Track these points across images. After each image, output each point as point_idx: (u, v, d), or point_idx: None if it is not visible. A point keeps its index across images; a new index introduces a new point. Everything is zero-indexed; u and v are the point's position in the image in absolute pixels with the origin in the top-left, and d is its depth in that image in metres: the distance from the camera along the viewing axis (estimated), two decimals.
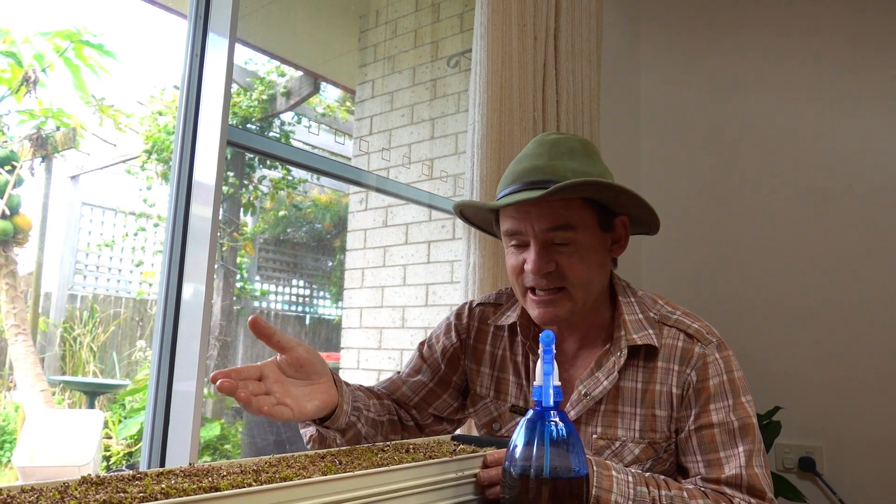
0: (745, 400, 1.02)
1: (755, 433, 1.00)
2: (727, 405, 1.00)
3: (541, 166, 1.01)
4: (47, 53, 3.09)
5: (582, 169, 1.01)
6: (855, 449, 2.13)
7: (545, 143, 1.05)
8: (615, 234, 1.08)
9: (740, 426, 0.99)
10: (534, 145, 1.07)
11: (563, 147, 1.04)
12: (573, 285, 1.01)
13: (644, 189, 2.66)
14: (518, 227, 1.02)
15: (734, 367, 1.04)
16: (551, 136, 1.07)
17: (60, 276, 3.64)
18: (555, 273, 1.01)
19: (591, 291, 1.04)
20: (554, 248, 1.01)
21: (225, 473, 0.64)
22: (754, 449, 0.98)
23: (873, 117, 2.24)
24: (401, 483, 0.71)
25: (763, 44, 2.47)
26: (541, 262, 1.00)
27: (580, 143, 1.06)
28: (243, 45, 3.45)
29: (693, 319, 1.07)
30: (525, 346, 1.13)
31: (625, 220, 1.08)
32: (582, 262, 1.01)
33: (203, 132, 1.44)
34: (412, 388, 1.20)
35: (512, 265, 1.06)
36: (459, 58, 2.63)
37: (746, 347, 2.31)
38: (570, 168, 1.00)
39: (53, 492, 0.53)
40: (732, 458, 0.97)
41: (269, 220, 4.59)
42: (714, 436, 0.99)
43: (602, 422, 1.04)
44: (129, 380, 3.55)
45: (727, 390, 1.01)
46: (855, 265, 2.20)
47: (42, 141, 3.18)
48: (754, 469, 0.97)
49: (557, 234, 1.00)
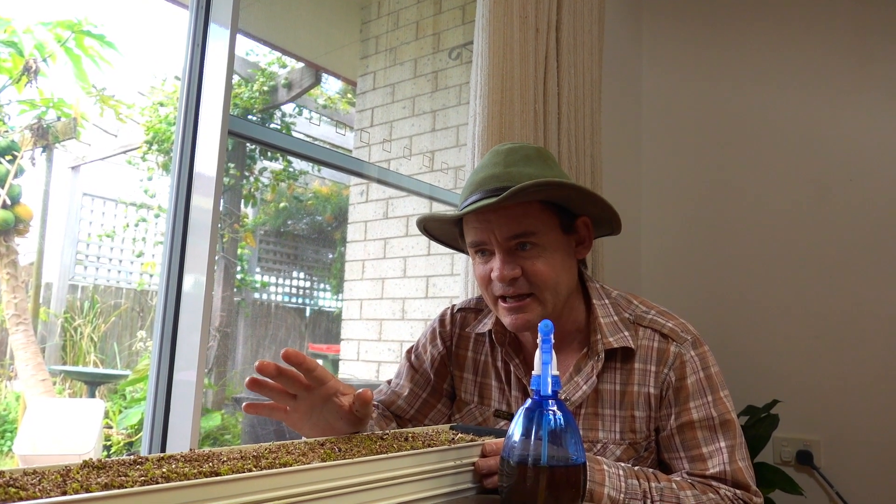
0: (723, 395, 1.03)
1: (735, 427, 1.02)
2: (707, 402, 1.02)
3: (497, 174, 1.03)
4: (48, 43, 3.09)
5: (537, 173, 1.02)
6: (852, 442, 2.13)
7: (500, 153, 1.07)
8: (578, 235, 1.08)
9: (721, 422, 1.01)
10: (489, 156, 1.09)
11: (517, 154, 1.05)
12: (541, 289, 1.02)
13: (645, 181, 2.67)
14: (481, 237, 1.03)
15: (710, 363, 1.05)
16: (506, 146, 1.09)
17: (61, 267, 3.65)
18: (521, 279, 1.01)
19: (560, 294, 1.04)
20: (517, 254, 1.02)
21: (225, 459, 0.64)
22: (736, 443, 1.00)
23: (874, 110, 2.23)
24: (400, 470, 0.72)
25: (765, 36, 2.46)
26: (506, 268, 1.00)
27: (535, 150, 1.08)
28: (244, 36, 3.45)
29: (667, 318, 1.08)
30: (502, 352, 1.14)
31: (586, 220, 1.08)
32: (546, 265, 1.01)
33: (204, 122, 1.44)
34: (407, 401, 1.21)
35: (479, 275, 1.07)
36: (461, 50, 2.62)
37: (745, 341, 2.32)
38: (525, 173, 1.01)
39: (55, 475, 0.54)
40: (716, 454, 0.99)
41: (270, 211, 4.59)
42: (696, 433, 1.01)
43: (583, 425, 1.05)
44: (129, 370, 3.57)
45: (705, 387, 1.03)
46: (855, 259, 2.20)
47: (43, 131, 3.18)
48: (738, 464, 0.99)
49: (519, 239, 1.01)
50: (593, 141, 2.04)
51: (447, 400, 1.23)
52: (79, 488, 0.50)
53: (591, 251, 1.18)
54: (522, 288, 1.02)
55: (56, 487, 0.49)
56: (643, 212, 2.65)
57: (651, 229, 2.63)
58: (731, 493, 0.97)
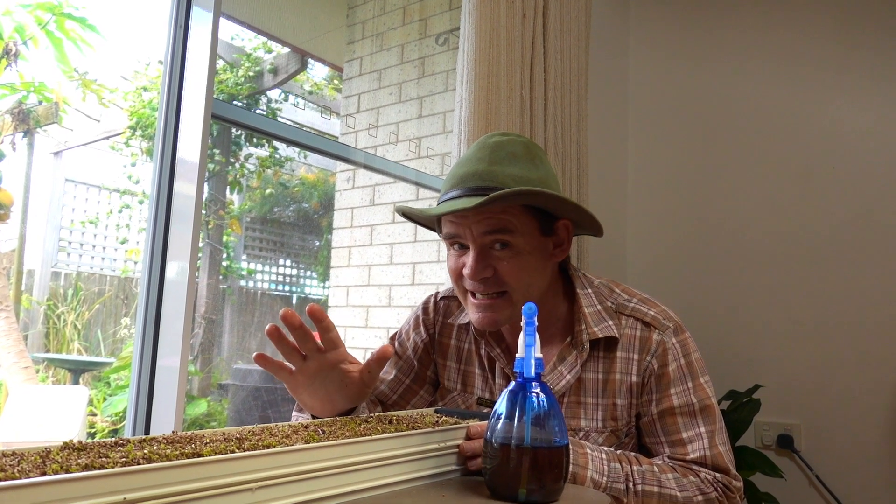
0: (703, 381, 1.04)
1: (715, 412, 1.03)
2: (687, 388, 1.03)
3: (480, 172, 1.00)
4: (29, 26, 3.03)
5: (522, 174, 0.99)
6: (832, 427, 2.17)
7: (486, 147, 1.04)
8: (557, 237, 1.07)
9: (701, 407, 1.02)
10: (475, 149, 1.06)
11: (504, 151, 1.02)
12: (512, 290, 1.01)
13: (631, 167, 2.67)
14: (457, 231, 1.02)
15: (691, 350, 1.06)
16: (493, 139, 1.05)
17: (43, 253, 3.60)
18: (492, 279, 1.00)
19: (531, 295, 1.03)
20: (492, 252, 1.00)
21: (208, 441, 0.64)
22: (715, 428, 1.02)
23: (857, 98, 2.25)
24: (383, 453, 0.72)
25: (752, 23, 2.47)
26: (478, 266, 0.99)
27: (523, 146, 1.04)
28: (229, 20, 3.40)
29: (649, 306, 1.09)
30: (484, 343, 1.14)
31: (567, 223, 1.07)
32: (519, 268, 1.00)
33: (187, 107, 1.42)
34: (390, 386, 1.21)
35: (451, 268, 1.05)
36: (448, 35, 2.61)
37: (728, 327, 2.34)
38: (509, 174, 0.99)
39: (35, 456, 0.54)
40: (696, 439, 1.01)
41: (256, 198, 4.56)
42: (676, 418, 1.02)
43: (566, 413, 1.06)
44: (114, 357, 3.54)
45: (686, 374, 1.04)
46: (837, 246, 2.22)
47: (24, 115, 3.13)
48: (718, 448, 1.00)
49: (496, 237, 0.99)
50: (580, 127, 2.04)
51: (430, 387, 1.23)
52: (59, 469, 0.49)
53: (576, 238, 1.18)
54: (493, 287, 1.01)
55: (35, 468, 0.49)
56: (629, 198, 2.65)
57: (636, 216, 2.64)
58: (712, 475, 0.98)
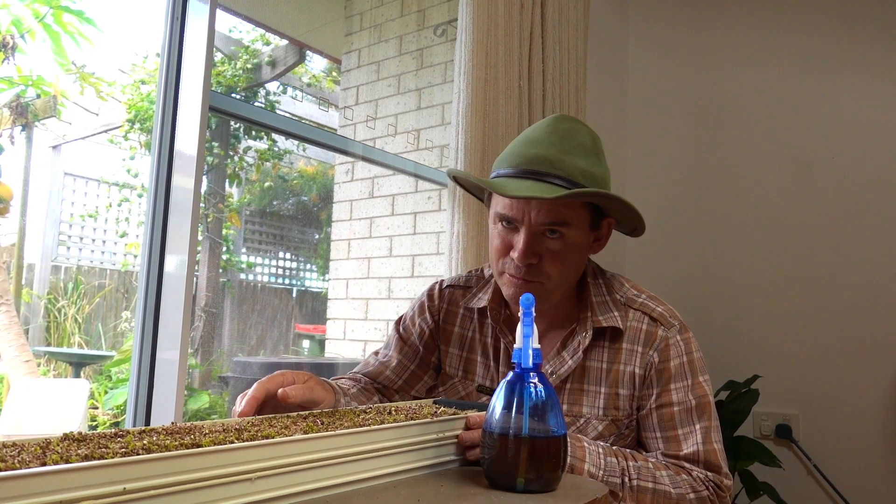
0: (702, 379, 1.06)
1: (711, 410, 1.05)
2: (686, 385, 1.05)
3: (551, 158, 1.01)
4: (26, 19, 3.02)
5: (589, 169, 1.02)
6: (830, 417, 2.18)
7: (558, 132, 1.04)
8: (600, 232, 1.11)
9: (697, 405, 1.04)
10: (546, 131, 1.05)
11: (575, 140, 1.03)
12: (550, 279, 1.04)
13: (629, 160, 2.67)
14: (514, 214, 1.02)
15: (694, 349, 1.08)
16: (565, 125, 1.06)
17: (43, 247, 3.60)
18: (536, 266, 1.02)
19: (564, 286, 1.07)
20: (543, 240, 1.02)
21: (207, 432, 0.64)
22: (711, 426, 1.03)
23: (856, 90, 2.24)
24: (382, 443, 0.72)
25: (751, 15, 2.46)
26: (527, 251, 1.01)
27: (590, 137, 1.06)
28: (226, 12, 3.39)
29: (657, 303, 1.11)
30: (495, 329, 1.15)
31: (611, 221, 1.11)
32: (564, 260, 1.03)
33: (185, 100, 1.42)
34: (395, 371, 1.22)
35: (496, 246, 1.06)
36: (446, 27, 2.60)
37: (727, 317, 2.34)
38: (578, 167, 1.01)
39: (35, 447, 0.54)
40: (690, 436, 1.02)
41: (255, 191, 4.56)
42: (673, 414, 1.03)
43: (568, 399, 1.08)
44: (114, 351, 3.55)
45: (687, 371, 1.05)
46: (835, 237, 2.22)
47: (22, 109, 3.12)
48: (712, 445, 1.02)
49: (551, 227, 1.01)
50: (578, 118, 2.03)
51: (434, 373, 1.24)
52: (59, 459, 0.50)
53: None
54: (534, 275, 1.03)
55: (35, 459, 0.49)
56: (627, 190, 2.65)
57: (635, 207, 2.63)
58: (703, 475, 1.00)
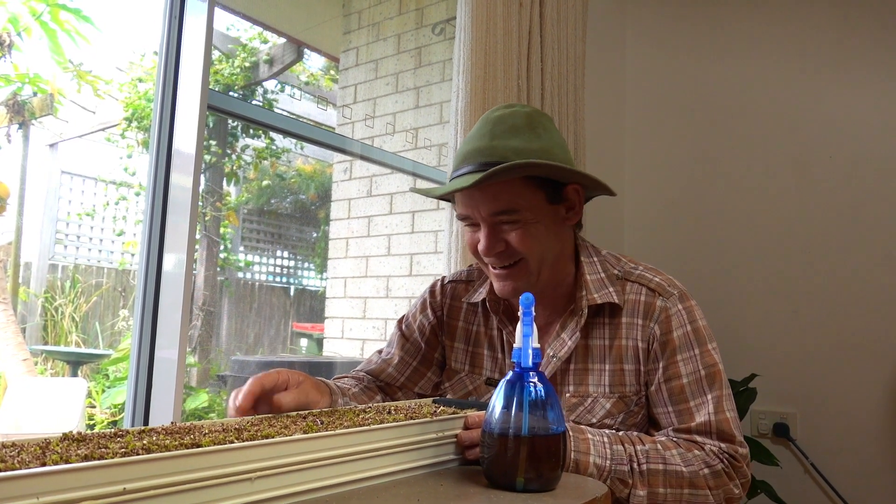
0: (710, 347, 1.04)
1: (722, 379, 1.03)
2: (694, 355, 1.03)
3: (482, 147, 1.02)
4: (23, 17, 3.01)
5: (523, 146, 1.00)
6: (827, 416, 2.18)
7: (489, 122, 1.05)
8: (568, 202, 1.07)
9: (707, 374, 1.02)
10: (479, 124, 1.07)
11: (505, 125, 1.03)
12: (527, 257, 1.03)
13: (628, 157, 2.67)
14: (466, 212, 1.04)
15: (697, 317, 1.06)
16: (496, 113, 1.06)
17: (40, 246, 3.60)
18: (505, 252, 1.03)
19: (548, 261, 1.05)
20: (502, 228, 1.02)
21: (207, 431, 0.64)
22: (722, 395, 1.01)
23: (854, 88, 2.25)
24: (382, 442, 0.72)
25: (749, 14, 2.46)
26: (490, 242, 1.02)
27: (525, 116, 1.05)
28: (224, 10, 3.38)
29: (655, 273, 1.09)
30: (497, 320, 1.15)
31: (577, 187, 1.07)
32: (530, 236, 1.02)
33: (182, 98, 1.42)
34: (397, 368, 1.22)
35: (468, 243, 1.08)
36: (444, 25, 2.60)
37: (724, 316, 2.34)
38: (510, 147, 1.00)
39: (35, 447, 0.54)
40: (702, 406, 1.00)
41: (253, 189, 4.55)
42: (683, 386, 1.01)
43: (573, 380, 1.07)
44: (112, 349, 3.54)
45: (692, 340, 1.03)
46: (833, 235, 2.23)
47: (19, 107, 3.12)
48: (724, 414, 0.99)
49: (502, 216, 1.01)
50: (577, 117, 2.03)
51: (437, 369, 1.24)
52: (59, 460, 0.50)
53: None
54: (507, 259, 1.03)
55: (35, 459, 0.49)
56: (625, 188, 2.66)
57: (633, 205, 2.64)
58: (717, 447, 0.97)
